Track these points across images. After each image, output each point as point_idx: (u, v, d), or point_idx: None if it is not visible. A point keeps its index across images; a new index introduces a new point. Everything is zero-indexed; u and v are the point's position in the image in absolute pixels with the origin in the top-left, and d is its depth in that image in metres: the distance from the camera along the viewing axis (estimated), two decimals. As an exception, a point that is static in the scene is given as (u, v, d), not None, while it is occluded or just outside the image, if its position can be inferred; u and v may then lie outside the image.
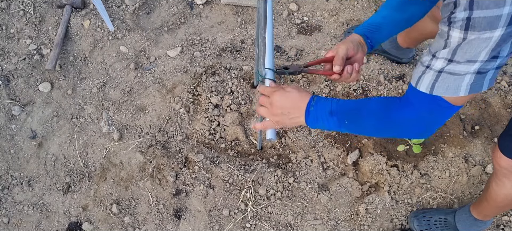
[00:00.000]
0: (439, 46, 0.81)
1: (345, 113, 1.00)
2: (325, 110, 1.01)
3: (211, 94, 1.99)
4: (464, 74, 0.80)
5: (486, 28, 0.73)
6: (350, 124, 1.00)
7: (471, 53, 0.77)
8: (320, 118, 1.02)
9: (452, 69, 0.80)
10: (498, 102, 1.92)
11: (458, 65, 0.79)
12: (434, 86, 0.84)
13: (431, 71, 0.83)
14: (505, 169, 1.31)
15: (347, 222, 1.80)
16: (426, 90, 0.86)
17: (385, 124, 0.97)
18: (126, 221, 1.84)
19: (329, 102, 1.02)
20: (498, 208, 1.49)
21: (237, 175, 1.85)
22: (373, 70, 2.01)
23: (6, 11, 2.28)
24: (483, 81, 0.81)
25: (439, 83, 0.83)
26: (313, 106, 1.03)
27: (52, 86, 2.12)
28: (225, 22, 2.26)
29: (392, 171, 1.81)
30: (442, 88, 0.83)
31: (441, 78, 0.82)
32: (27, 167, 1.98)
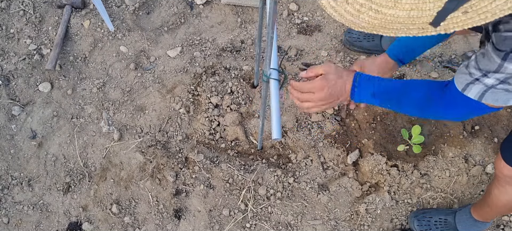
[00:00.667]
0: (490, 68, 0.82)
1: (387, 98, 1.05)
2: (367, 92, 1.07)
3: (211, 94, 1.99)
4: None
5: None
6: (392, 107, 1.08)
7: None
8: (365, 98, 1.09)
9: (504, 87, 0.83)
10: (498, 103, 1.92)
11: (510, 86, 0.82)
12: (484, 96, 0.87)
13: (481, 84, 0.86)
14: (508, 177, 1.30)
15: (347, 222, 1.80)
16: (475, 97, 0.89)
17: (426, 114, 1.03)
18: (126, 221, 1.84)
19: (371, 85, 1.06)
20: (500, 213, 1.48)
21: (237, 175, 1.85)
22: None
23: (6, 11, 2.28)
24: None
25: (489, 94, 0.86)
26: (357, 88, 1.08)
27: (52, 86, 2.12)
28: (225, 22, 2.26)
29: (392, 171, 1.81)
30: (492, 99, 0.87)
31: (491, 91, 0.85)
32: (27, 167, 1.98)
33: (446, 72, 2.04)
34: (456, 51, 2.15)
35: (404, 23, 0.64)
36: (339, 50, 2.10)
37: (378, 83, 1.07)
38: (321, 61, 2.07)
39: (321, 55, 2.09)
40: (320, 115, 1.93)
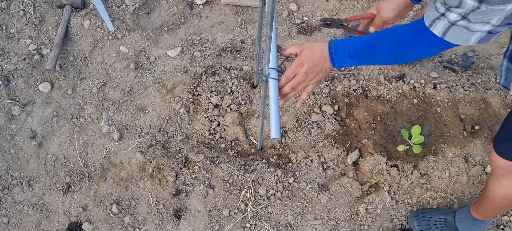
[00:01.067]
0: (453, 3, 0.86)
1: (363, 54, 1.11)
2: (344, 54, 1.12)
3: (211, 94, 1.99)
4: (475, 31, 0.86)
5: (499, 3, 0.77)
6: (370, 61, 1.13)
7: (484, 18, 0.82)
8: (344, 61, 1.14)
9: (465, 24, 0.86)
10: (498, 102, 1.92)
11: (470, 23, 0.84)
12: (446, 33, 0.90)
13: (445, 19, 0.89)
14: (502, 168, 1.31)
15: (347, 222, 1.80)
16: (439, 34, 0.92)
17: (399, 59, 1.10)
18: (126, 221, 1.84)
19: (346, 47, 1.12)
20: (497, 208, 1.49)
21: (237, 175, 1.85)
22: (373, 70, 2.01)
23: (6, 11, 2.28)
24: (491, 37, 0.88)
25: (451, 32, 0.89)
26: (335, 55, 1.13)
27: (52, 86, 2.12)
28: (225, 22, 2.26)
29: (392, 171, 1.81)
30: (453, 36, 0.90)
31: (453, 28, 0.88)
32: (27, 167, 1.98)
33: (446, 72, 2.04)
34: (456, 51, 2.15)
35: None
36: (339, 50, 2.10)
37: (351, 43, 1.13)
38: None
39: (321, 55, 2.09)
40: (320, 115, 1.93)
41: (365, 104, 1.96)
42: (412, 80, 1.98)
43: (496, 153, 1.29)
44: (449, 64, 2.09)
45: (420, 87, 1.97)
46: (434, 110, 1.94)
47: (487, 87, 1.96)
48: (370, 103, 1.96)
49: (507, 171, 1.31)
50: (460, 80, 1.99)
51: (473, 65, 2.09)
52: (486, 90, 1.95)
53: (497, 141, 1.30)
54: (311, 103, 1.97)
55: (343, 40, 1.14)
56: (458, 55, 2.13)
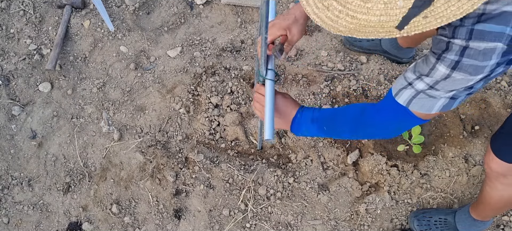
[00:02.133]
0: (424, 71, 0.89)
1: (323, 120, 1.13)
2: (307, 118, 1.15)
3: (211, 94, 1.99)
4: (439, 98, 0.90)
5: (472, 73, 0.81)
6: (328, 129, 1.14)
7: (451, 87, 0.86)
8: (304, 124, 1.16)
9: (430, 93, 0.90)
10: (498, 102, 1.92)
11: (436, 92, 0.88)
12: (411, 102, 0.94)
13: (412, 89, 0.93)
14: (495, 172, 1.31)
15: (347, 222, 1.80)
16: (403, 103, 0.96)
17: (360, 128, 1.10)
18: (126, 221, 1.84)
19: (311, 112, 1.15)
20: (495, 210, 1.49)
21: (237, 175, 1.85)
22: (373, 70, 2.01)
23: (6, 11, 2.28)
24: (454, 103, 0.92)
25: (416, 100, 0.93)
26: (299, 115, 1.16)
27: (52, 86, 2.12)
28: (225, 22, 2.26)
29: (392, 171, 1.81)
30: (418, 105, 0.94)
31: (418, 97, 0.92)
32: (27, 167, 1.98)
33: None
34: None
35: (375, 27, 0.73)
36: (339, 50, 2.10)
37: (318, 110, 1.16)
38: (321, 61, 2.07)
39: (321, 55, 2.09)
40: (320, 115, 1.93)
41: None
42: (412, 80, 1.98)
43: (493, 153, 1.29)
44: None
45: (420, 87, 1.97)
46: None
47: (487, 87, 1.96)
48: (370, 103, 1.96)
49: (501, 174, 1.31)
50: (460, 80, 1.99)
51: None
52: (486, 90, 1.95)
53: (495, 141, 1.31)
54: (311, 103, 1.97)
55: (313, 107, 1.18)
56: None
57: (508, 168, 1.27)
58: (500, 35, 0.77)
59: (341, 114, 1.13)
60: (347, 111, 1.13)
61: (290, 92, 1.99)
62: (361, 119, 1.08)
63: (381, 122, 1.05)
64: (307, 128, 1.16)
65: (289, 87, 2.01)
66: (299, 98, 1.98)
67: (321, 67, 2.04)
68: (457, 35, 0.80)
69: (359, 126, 1.10)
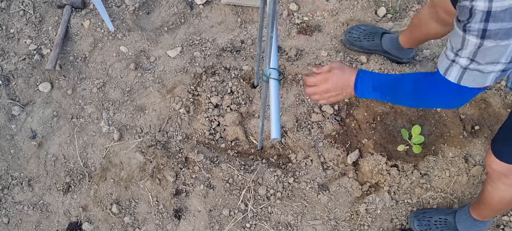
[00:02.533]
0: (458, 45, 0.86)
1: (385, 89, 1.14)
2: (369, 86, 1.16)
3: (211, 94, 1.99)
4: (489, 72, 0.86)
5: (503, 37, 0.76)
6: (390, 98, 1.17)
7: (492, 57, 0.81)
8: (366, 92, 1.18)
9: (476, 68, 0.86)
10: (498, 102, 1.92)
11: (481, 65, 0.84)
12: (462, 78, 0.91)
13: (457, 65, 0.90)
14: (497, 172, 1.31)
15: (347, 222, 1.80)
16: (455, 81, 0.93)
17: (419, 103, 1.13)
18: (126, 221, 1.84)
19: (371, 78, 1.17)
20: (496, 210, 1.49)
21: (237, 175, 1.85)
22: (373, 70, 2.01)
23: (6, 11, 2.28)
24: (506, 74, 0.88)
25: (466, 76, 0.90)
26: (359, 83, 1.18)
27: (52, 86, 2.12)
28: (225, 22, 2.26)
29: (392, 171, 1.81)
30: (469, 80, 0.91)
31: (467, 73, 0.89)
32: (27, 167, 1.98)
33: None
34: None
35: None
36: (339, 50, 2.10)
37: (378, 77, 1.17)
38: (321, 61, 2.07)
39: (321, 55, 2.09)
40: (320, 115, 1.93)
41: (365, 104, 1.96)
42: (412, 80, 1.98)
43: (493, 154, 1.29)
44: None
45: (420, 87, 1.97)
46: (434, 110, 1.94)
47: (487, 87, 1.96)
48: (370, 103, 1.96)
49: (503, 175, 1.31)
50: (460, 80, 1.99)
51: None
52: (486, 90, 1.95)
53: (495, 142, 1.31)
54: (311, 103, 1.97)
55: (370, 72, 1.18)
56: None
57: (509, 168, 1.27)
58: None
59: (400, 87, 1.13)
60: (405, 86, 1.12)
61: (290, 92, 1.99)
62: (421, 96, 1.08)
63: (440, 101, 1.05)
64: (371, 94, 1.18)
65: (289, 87, 2.01)
66: (299, 98, 1.98)
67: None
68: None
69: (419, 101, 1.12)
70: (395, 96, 1.16)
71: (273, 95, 1.19)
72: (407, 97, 1.13)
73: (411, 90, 1.10)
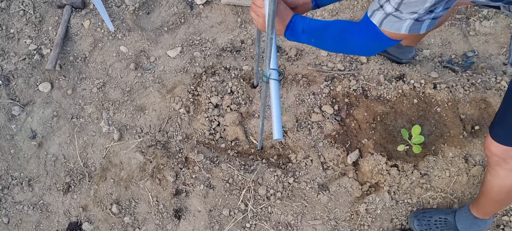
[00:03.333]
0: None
1: (312, 32, 1.22)
2: (299, 28, 1.23)
3: (211, 94, 1.99)
4: (405, 20, 1.01)
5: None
6: (315, 41, 1.24)
7: (412, 9, 0.97)
8: (295, 33, 1.24)
9: (397, 15, 1.01)
10: (498, 102, 1.92)
11: (401, 14, 1.00)
12: (383, 22, 1.05)
13: (382, 11, 1.03)
14: (496, 155, 1.33)
15: (347, 222, 1.80)
16: (376, 23, 1.06)
17: (341, 44, 1.21)
18: (126, 221, 1.84)
19: (303, 22, 1.23)
20: (496, 202, 1.49)
21: (237, 175, 1.85)
22: (373, 70, 2.01)
23: (6, 11, 2.28)
24: (420, 26, 1.02)
25: (386, 21, 1.04)
26: (292, 23, 1.24)
27: (52, 86, 2.12)
28: (225, 22, 2.26)
29: (392, 171, 1.81)
30: (388, 25, 1.04)
31: (388, 18, 1.03)
32: (27, 167, 1.98)
33: (446, 72, 2.04)
34: (456, 51, 2.15)
35: None
36: (339, 50, 2.10)
37: (309, 21, 1.23)
38: (321, 61, 2.07)
39: (321, 55, 2.09)
40: (320, 115, 1.93)
41: (365, 104, 1.96)
42: (412, 80, 1.98)
43: (491, 137, 1.32)
44: (449, 64, 2.09)
45: (420, 87, 1.97)
46: (434, 110, 1.94)
47: (487, 87, 1.96)
48: (370, 103, 1.96)
49: (501, 158, 1.32)
50: (460, 80, 1.99)
51: (473, 65, 2.09)
52: (486, 90, 1.95)
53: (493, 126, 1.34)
54: (311, 103, 1.97)
55: (306, 17, 1.25)
56: (458, 55, 2.13)
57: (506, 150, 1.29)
58: None
59: (326, 30, 1.21)
60: (331, 28, 1.20)
61: (290, 92, 1.99)
62: (343, 37, 1.17)
63: (359, 41, 1.15)
64: (299, 37, 1.25)
65: (289, 87, 2.01)
66: (299, 98, 1.98)
67: (321, 67, 2.04)
68: None
69: (340, 43, 1.20)
70: (320, 39, 1.22)
71: (274, 95, 1.19)
72: (331, 40, 1.20)
73: (336, 33, 1.18)
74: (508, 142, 1.28)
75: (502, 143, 1.29)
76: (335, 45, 1.23)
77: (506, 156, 1.31)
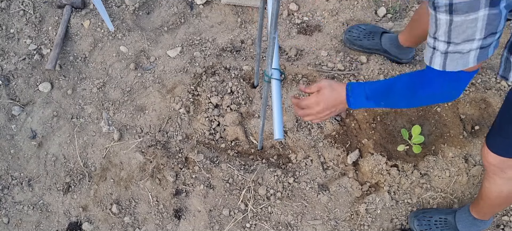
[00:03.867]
0: (433, 28, 0.90)
1: (379, 97, 1.14)
2: (361, 97, 1.16)
3: (211, 94, 1.99)
4: (468, 52, 0.88)
5: (468, 11, 0.80)
6: (386, 104, 1.16)
7: (465, 34, 0.84)
8: (360, 103, 1.18)
9: (455, 49, 0.88)
10: (498, 102, 1.92)
11: (458, 46, 0.87)
12: (445, 65, 0.93)
13: (438, 52, 0.92)
14: (493, 166, 1.32)
15: (347, 222, 1.80)
16: (440, 68, 0.95)
17: (415, 102, 1.14)
18: (126, 221, 1.84)
19: (363, 89, 1.16)
20: (494, 206, 1.49)
21: (237, 175, 1.85)
22: (373, 70, 2.01)
23: (6, 11, 2.28)
24: (487, 52, 0.90)
25: (449, 61, 0.92)
26: (352, 97, 1.18)
27: (52, 86, 2.12)
28: (225, 22, 2.26)
29: (392, 171, 1.81)
30: (452, 65, 0.93)
31: (449, 58, 0.91)
32: (27, 167, 1.98)
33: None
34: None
35: None
36: (339, 50, 2.10)
37: (369, 86, 1.16)
38: (321, 61, 2.07)
39: (321, 55, 2.09)
40: (320, 115, 1.93)
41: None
42: (412, 80, 1.98)
43: (488, 148, 1.30)
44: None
45: (420, 87, 1.97)
46: (434, 110, 1.94)
47: (487, 87, 1.96)
48: (370, 103, 1.96)
49: (499, 168, 1.31)
50: (460, 80, 1.99)
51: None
52: (486, 90, 1.95)
53: (489, 136, 1.31)
54: (311, 103, 1.97)
55: (360, 83, 1.18)
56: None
57: (503, 161, 1.27)
58: None
59: (392, 91, 1.13)
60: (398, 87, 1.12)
61: (290, 93, 1.99)
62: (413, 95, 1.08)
63: (434, 94, 1.05)
64: (365, 105, 1.18)
65: (289, 87, 2.01)
66: (299, 98, 1.98)
67: (321, 67, 2.04)
68: None
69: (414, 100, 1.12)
70: (389, 101, 1.15)
71: (275, 95, 1.19)
72: (402, 99, 1.13)
73: (404, 90, 1.11)
74: (504, 153, 1.26)
75: (499, 153, 1.27)
76: (409, 103, 1.16)
77: (503, 166, 1.29)
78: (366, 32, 2.03)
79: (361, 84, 1.18)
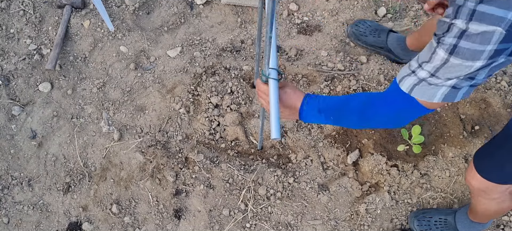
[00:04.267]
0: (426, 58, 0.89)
1: (330, 111, 1.12)
2: (314, 109, 1.13)
3: (211, 94, 1.99)
4: (440, 86, 0.89)
5: (468, 58, 0.80)
6: (335, 120, 1.13)
7: (450, 74, 0.85)
8: (311, 115, 1.14)
9: (431, 81, 0.89)
10: (498, 102, 1.92)
11: (437, 80, 0.88)
12: (413, 89, 0.93)
13: (415, 77, 0.92)
14: (476, 189, 1.31)
15: (347, 222, 1.80)
16: (406, 90, 0.95)
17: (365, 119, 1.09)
18: (126, 221, 1.84)
19: (317, 102, 1.13)
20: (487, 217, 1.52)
21: (237, 175, 1.85)
22: (373, 70, 2.01)
23: (6, 11, 2.28)
24: (456, 94, 0.90)
25: (418, 87, 0.92)
26: (305, 106, 1.14)
27: (52, 86, 2.12)
28: (225, 22, 2.26)
29: (392, 171, 1.81)
30: (419, 92, 0.92)
31: (421, 84, 0.91)
32: (27, 167, 1.98)
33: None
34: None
35: None
36: (339, 50, 2.10)
37: (323, 100, 1.13)
38: (321, 61, 2.07)
39: (321, 55, 2.09)
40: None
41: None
42: (412, 80, 1.98)
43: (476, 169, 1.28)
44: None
45: (420, 87, 1.97)
46: (434, 110, 1.94)
47: (487, 87, 1.96)
48: (370, 103, 1.96)
49: (483, 191, 1.31)
50: (460, 80, 1.99)
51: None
52: (486, 90, 1.95)
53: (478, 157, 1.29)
54: (311, 103, 1.97)
55: (317, 95, 1.15)
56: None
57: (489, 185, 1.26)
58: (500, 19, 0.75)
59: (346, 106, 1.10)
60: (352, 103, 1.09)
61: (290, 92, 1.99)
62: (367, 110, 1.06)
63: (387, 113, 1.03)
64: (315, 118, 1.15)
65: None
66: (299, 98, 1.98)
67: (321, 67, 2.04)
68: (459, 15, 0.79)
69: (365, 118, 1.08)
70: (340, 116, 1.11)
71: (272, 95, 1.19)
72: (352, 115, 1.09)
73: (359, 107, 1.07)
74: (493, 178, 1.25)
75: (487, 178, 1.25)
76: (359, 122, 1.10)
77: (487, 189, 1.28)
78: (372, 28, 2.03)
79: (317, 96, 1.15)
